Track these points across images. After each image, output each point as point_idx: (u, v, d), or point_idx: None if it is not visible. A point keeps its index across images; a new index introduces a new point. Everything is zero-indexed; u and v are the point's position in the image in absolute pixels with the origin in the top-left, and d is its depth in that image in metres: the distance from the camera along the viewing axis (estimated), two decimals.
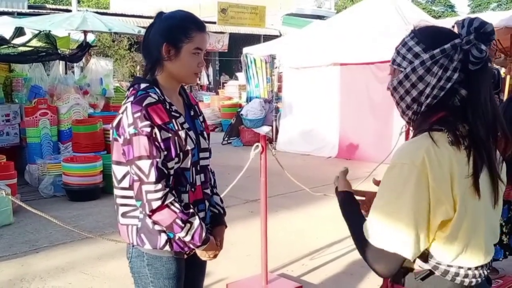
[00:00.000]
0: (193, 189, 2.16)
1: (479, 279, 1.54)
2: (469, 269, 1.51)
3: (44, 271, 4.61)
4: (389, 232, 1.44)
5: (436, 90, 1.46)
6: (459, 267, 1.50)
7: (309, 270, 4.67)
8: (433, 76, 1.46)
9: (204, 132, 2.26)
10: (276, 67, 11.67)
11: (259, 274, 4.26)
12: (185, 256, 2.24)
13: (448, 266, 1.50)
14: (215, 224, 2.35)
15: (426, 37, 1.52)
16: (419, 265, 1.54)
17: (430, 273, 1.52)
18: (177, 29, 2.08)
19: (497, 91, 4.69)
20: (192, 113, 2.25)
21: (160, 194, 1.99)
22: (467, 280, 1.51)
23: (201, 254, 2.20)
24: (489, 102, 1.45)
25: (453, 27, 1.51)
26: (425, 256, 1.51)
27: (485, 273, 1.57)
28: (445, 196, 1.42)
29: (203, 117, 2.35)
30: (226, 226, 2.40)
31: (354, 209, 1.68)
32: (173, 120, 2.07)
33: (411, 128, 1.64)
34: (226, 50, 22.72)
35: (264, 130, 10.78)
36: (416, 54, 1.50)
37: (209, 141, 2.33)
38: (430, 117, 1.51)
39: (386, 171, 1.49)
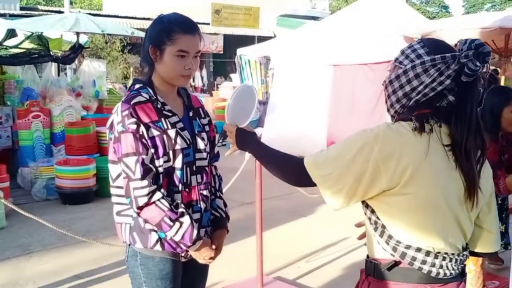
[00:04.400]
0: (187, 190, 2.16)
1: (448, 272, 1.65)
2: (428, 254, 1.62)
3: (38, 276, 4.55)
4: (322, 167, 1.67)
5: (427, 89, 1.62)
6: (417, 249, 1.62)
7: (305, 273, 4.65)
8: (429, 77, 1.62)
9: (203, 133, 2.26)
10: (270, 68, 11.65)
11: (255, 276, 4.23)
12: (184, 259, 2.24)
13: (406, 247, 1.64)
14: (216, 228, 2.33)
15: (431, 44, 1.70)
16: (383, 247, 1.68)
17: (395, 263, 1.66)
18: (161, 31, 2.10)
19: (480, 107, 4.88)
20: (191, 114, 2.25)
21: (146, 191, 2.01)
22: (434, 270, 1.63)
23: (195, 255, 2.19)
24: (474, 113, 1.64)
25: (455, 45, 1.67)
26: (386, 238, 1.67)
27: (455, 268, 1.67)
28: (388, 171, 1.58)
29: (209, 120, 2.38)
30: (228, 231, 2.38)
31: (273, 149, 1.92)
32: (163, 119, 2.10)
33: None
34: (222, 52, 22.68)
35: (259, 131, 10.75)
36: (419, 55, 1.67)
37: (213, 144, 2.36)
38: (414, 112, 1.67)
39: (356, 132, 1.70)
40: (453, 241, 1.67)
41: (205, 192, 2.24)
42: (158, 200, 2.03)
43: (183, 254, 2.21)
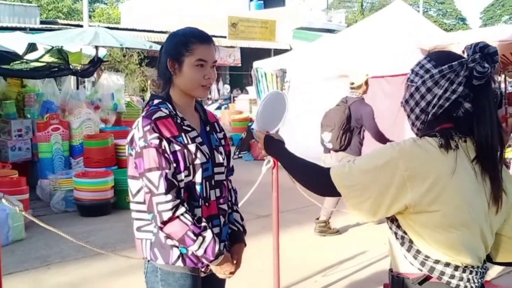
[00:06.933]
0: (207, 204, 2.16)
1: (474, 286, 1.65)
2: (457, 268, 1.62)
3: (56, 287, 4.59)
4: (347, 177, 1.67)
5: (442, 101, 1.64)
6: (446, 264, 1.62)
7: (322, 287, 4.62)
8: (440, 88, 1.64)
9: (220, 148, 2.27)
10: (287, 81, 11.66)
11: None
12: (203, 274, 2.23)
13: (435, 262, 1.63)
14: (234, 242, 2.32)
15: (437, 56, 1.73)
16: (410, 261, 1.67)
17: (426, 278, 1.65)
18: (177, 43, 2.14)
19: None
20: (208, 128, 2.27)
21: (170, 205, 2.01)
22: (462, 284, 1.63)
23: (216, 270, 2.18)
24: (494, 115, 1.64)
25: (463, 52, 1.69)
26: (414, 252, 1.67)
27: (479, 281, 1.67)
28: (414, 188, 1.58)
29: (224, 135, 2.38)
30: (245, 245, 2.38)
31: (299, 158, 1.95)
32: (183, 134, 2.11)
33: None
34: (240, 65, 22.78)
35: None
36: (427, 70, 1.70)
37: (229, 158, 2.35)
38: (435, 127, 1.68)
39: (382, 146, 1.74)
40: (478, 254, 1.67)
41: (223, 206, 2.25)
42: (182, 214, 2.02)
43: (203, 269, 2.20)
